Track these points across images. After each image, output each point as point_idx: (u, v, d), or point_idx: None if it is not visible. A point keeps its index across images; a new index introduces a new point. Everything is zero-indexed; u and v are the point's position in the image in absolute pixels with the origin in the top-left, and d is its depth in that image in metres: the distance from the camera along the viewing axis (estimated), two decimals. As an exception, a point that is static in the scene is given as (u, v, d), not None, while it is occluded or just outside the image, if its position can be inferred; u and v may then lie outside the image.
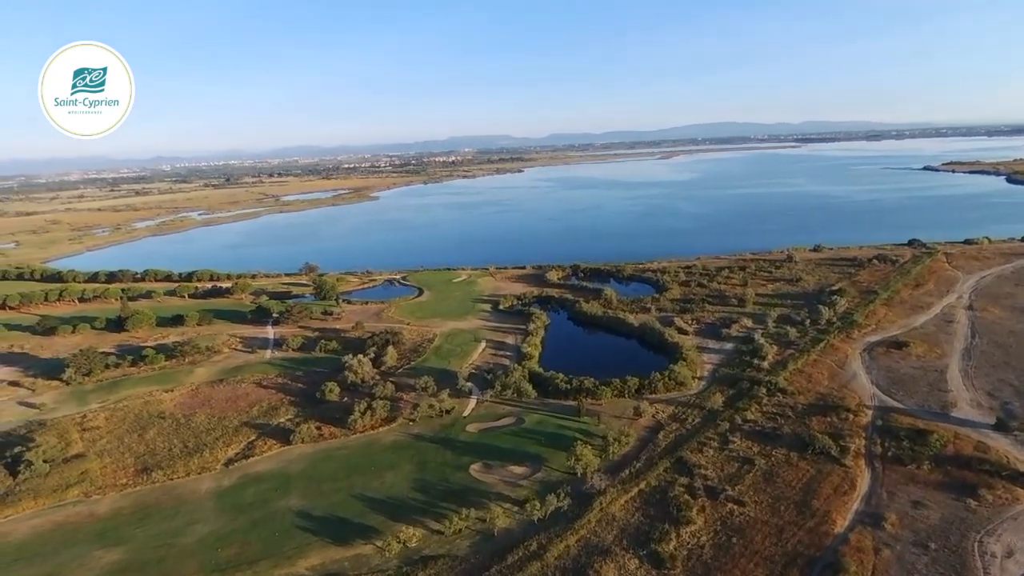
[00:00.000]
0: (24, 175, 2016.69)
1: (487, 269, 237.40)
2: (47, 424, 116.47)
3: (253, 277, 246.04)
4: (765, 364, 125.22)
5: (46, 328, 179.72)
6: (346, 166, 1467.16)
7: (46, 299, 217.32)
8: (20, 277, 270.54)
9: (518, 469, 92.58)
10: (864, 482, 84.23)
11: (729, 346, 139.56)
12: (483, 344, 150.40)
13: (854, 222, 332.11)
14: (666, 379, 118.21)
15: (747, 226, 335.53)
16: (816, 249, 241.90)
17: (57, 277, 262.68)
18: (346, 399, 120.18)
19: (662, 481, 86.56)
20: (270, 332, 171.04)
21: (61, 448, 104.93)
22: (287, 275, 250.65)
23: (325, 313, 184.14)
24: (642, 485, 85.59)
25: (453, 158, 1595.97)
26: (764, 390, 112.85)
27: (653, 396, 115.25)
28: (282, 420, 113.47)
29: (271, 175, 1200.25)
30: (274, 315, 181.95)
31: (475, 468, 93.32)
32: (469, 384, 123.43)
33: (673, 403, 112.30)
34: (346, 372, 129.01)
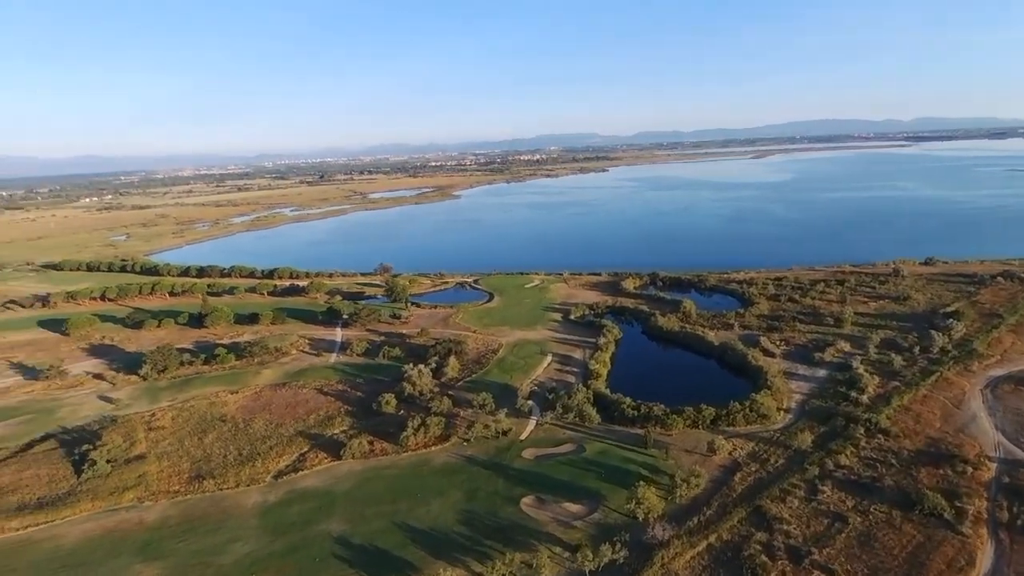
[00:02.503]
0: (145, 171, 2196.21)
1: (561, 274, 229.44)
2: (118, 421, 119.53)
3: (330, 276, 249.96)
4: (864, 398, 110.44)
5: (135, 322, 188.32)
6: (433, 164, 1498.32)
7: (140, 292, 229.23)
8: (123, 269, 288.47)
9: (573, 507, 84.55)
10: (986, 558, 70.28)
11: (822, 373, 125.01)
12: (549, 358, 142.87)
13: (974, 232, 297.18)
14: (746, 410, 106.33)
15: (847, 234, 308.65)
16: (928, 263, 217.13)
17: (153, 270, 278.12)
18: (402, 412, 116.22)
19: (735, 535, 76.01)
20: (338, 334, 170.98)
21: (125, 448, 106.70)
22: (362, 275, 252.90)
23: (393, 316, 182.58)
24: (712, 539, 75.43)
25: (537, 157, 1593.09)
26: (862, 430, 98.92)
27: (731, 429, 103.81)
28: (336, 431, 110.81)
29: (362, 172, 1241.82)
30: (344, 316, 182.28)
31: (527, 502, 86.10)
32: (530, 403, 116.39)
33: (753, 439, 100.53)
34: (404, 383, 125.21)
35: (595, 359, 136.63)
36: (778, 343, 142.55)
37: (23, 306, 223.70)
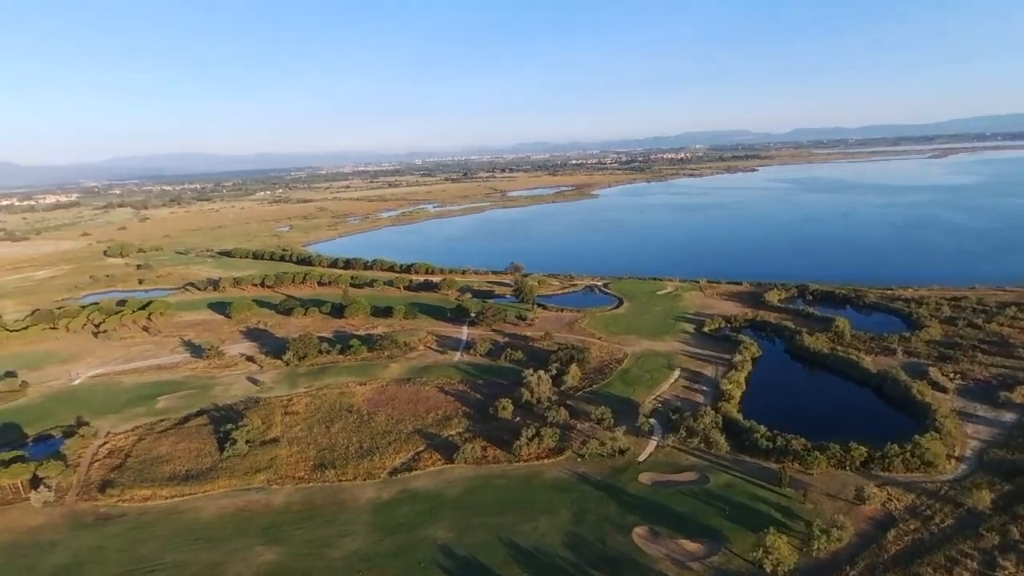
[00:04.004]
0: (312, 167, 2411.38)
1: (697, 282, 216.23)
2: (260, 403, 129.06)
3: (463, 273, 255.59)
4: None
5: (286, 309, 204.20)
6: (574, 162, 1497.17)
7: (293, 281, 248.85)
8: (282, 258, 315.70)
9: (691, 545, 77.16)
10: None
11: (1008, 417, 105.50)
12: (676, 373, 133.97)
13: None
14: (907, 454, 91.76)
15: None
16: None
17: (307, 260, 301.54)
18: (518, 419, 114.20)
19: (885, 607, 64.92)
20: (464, 333, 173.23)
21: (262, 430, 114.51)
22: (494, 273, 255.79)
23: (519, 317, 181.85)
24: (854, 607, 65.01)
25: (681, 155, 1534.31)
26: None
27: (886, 475, 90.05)
28: (452, 433, 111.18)
29: (503, 170, 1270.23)
30: (471, 315, 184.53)
31: (639, 533, 79.98)
32: (651, 421, 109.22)
33: (914, 490, 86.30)
34: (523, 389, 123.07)
35: (728, 378, 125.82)
36: (952, 376, 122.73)
37: (199, 288, 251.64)
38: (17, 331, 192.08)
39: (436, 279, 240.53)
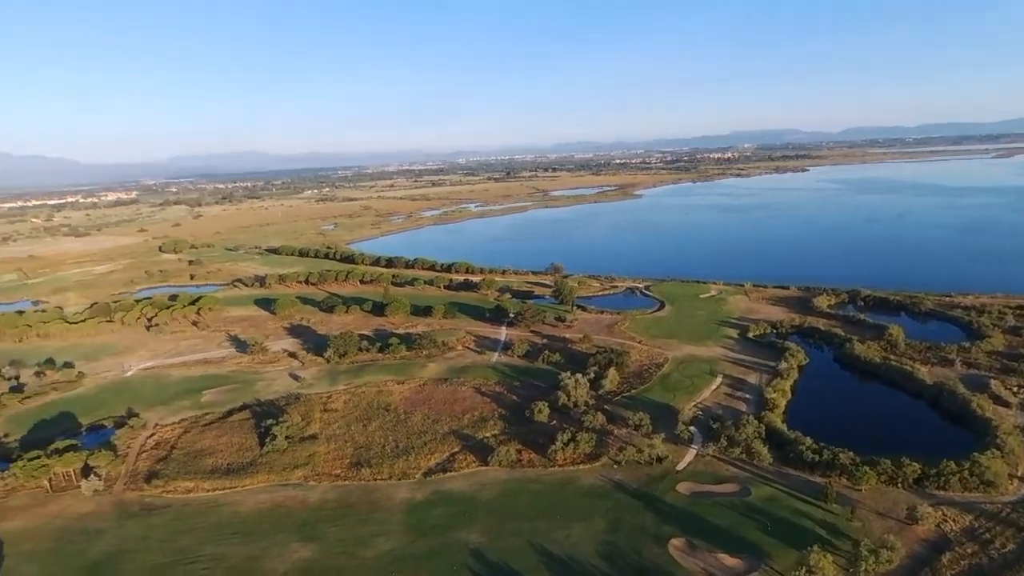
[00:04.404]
0: (358, 166, 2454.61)
1: (742, 286, 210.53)
2: (300, 399, 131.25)
3: (503, 273, 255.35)
4: None
5: (328, 306, 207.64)
6: (617, 162, 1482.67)
7: (336, 278, 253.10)
8: (326, 256, 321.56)
9: (729, 560, 74.60)
10: None
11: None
12: (718, 380, 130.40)
13: None
14: (965, 472, 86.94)
15: None
16: None
17: (350, 258, 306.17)
18: (554, 422, 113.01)
19: (938, 636, 61.31)
20: (502, 333, 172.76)
21: (302, 427, 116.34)
22: (533, 273, 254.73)
23: (558, 319, 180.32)
24: (904, 634, 61.62)
25: (728, 155, 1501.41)
26: None
27: (941, 495, 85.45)
28: (487, 435, 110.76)
29: (546, 170, 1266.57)
30: (510, 315, 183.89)
31: (676, 545, 77.79)
32: (691, 429, 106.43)
33: (972, 511, 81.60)
34: (559, 392, 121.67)
35: (773, 387, 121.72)
36: (1016, 390, 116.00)
37: (246, 285, 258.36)
38: (76, 323, 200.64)
39: (476, 279, 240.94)
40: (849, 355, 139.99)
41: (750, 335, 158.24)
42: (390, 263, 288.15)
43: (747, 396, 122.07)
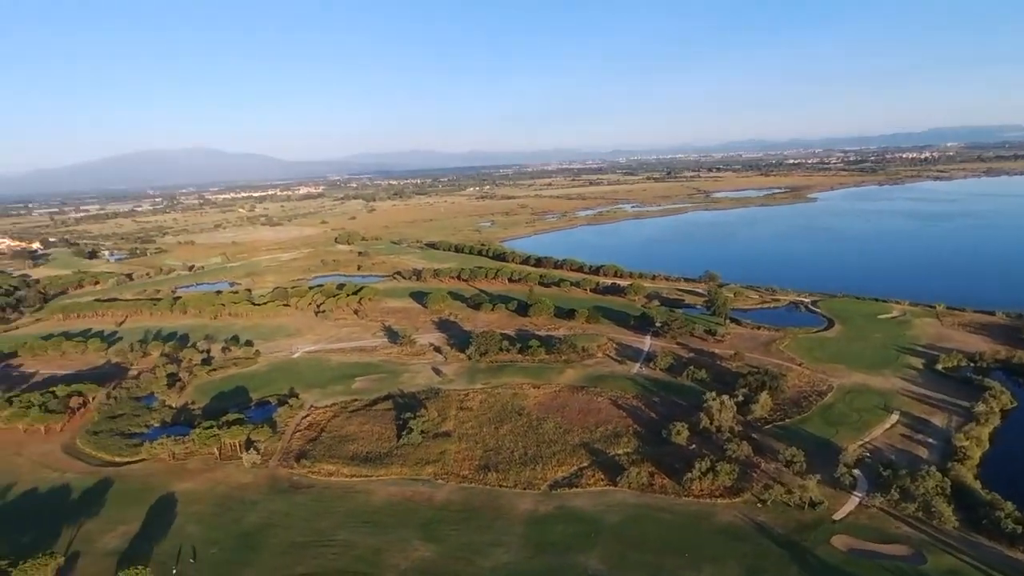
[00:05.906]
0: (518, 164, 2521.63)
1: (932, 307, 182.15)
2: (439, 395, 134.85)
3: (652, 278, 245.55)
4: None
5: (475, 303, 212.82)
6: (790, 162, 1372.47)
7: (486, 276, 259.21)
8: (479, 253, 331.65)
9: (892, 640, 63.27)
10: None
11: None
12: (894, 417, 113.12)
13: None
14: None
15: None
16: None
17: (501, 256, 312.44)
18: (693, 446, 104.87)
19: None
20: (646, 343, 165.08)
21: (437, 422, 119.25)
22: (685, 280, 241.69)
23: (708, 332, 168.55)
24: None
25: (926, 154, 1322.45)
26: None
27: None
28: (619, 452, 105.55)
29: (710, 170, 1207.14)
30: (656, 324, 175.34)
31: (824, 609, 67.69)
32: (855, 473, 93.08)
33: None
34: (702, 414, 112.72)
35: (965, 433, 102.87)
36: None
37: (404, 277, 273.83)
38: (259, 305, 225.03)
39: (623, 283, 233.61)
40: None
41: (939, 367, 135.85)
42: (539, 262, 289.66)
43: (930, 441, 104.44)
